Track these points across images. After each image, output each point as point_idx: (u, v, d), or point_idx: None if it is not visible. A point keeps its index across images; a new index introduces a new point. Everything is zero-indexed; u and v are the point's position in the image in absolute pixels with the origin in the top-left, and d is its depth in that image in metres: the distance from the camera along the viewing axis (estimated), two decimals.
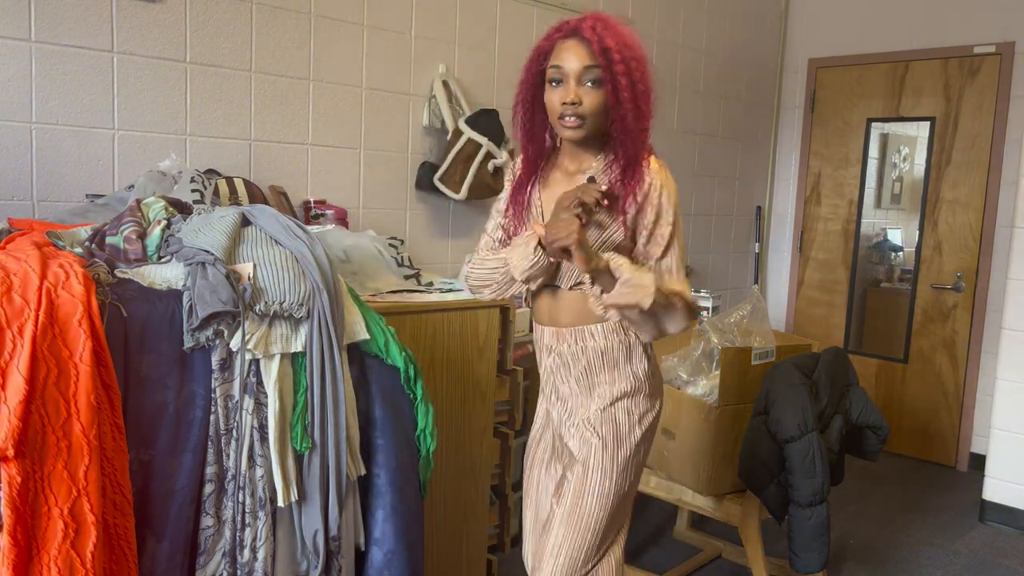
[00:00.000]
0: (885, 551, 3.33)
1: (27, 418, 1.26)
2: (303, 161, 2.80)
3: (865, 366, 4.70)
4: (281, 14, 2.67)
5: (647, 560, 3.13)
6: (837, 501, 3.83)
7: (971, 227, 4.30)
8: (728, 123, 4.63)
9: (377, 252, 2.29)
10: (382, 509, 1.69)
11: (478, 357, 2.32)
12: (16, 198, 2.21)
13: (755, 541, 2.67)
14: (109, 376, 1.37)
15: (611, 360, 1.71)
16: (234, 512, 1.52)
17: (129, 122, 2.38)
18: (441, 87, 3.07)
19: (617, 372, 1.72)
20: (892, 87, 4.54)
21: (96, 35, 2.29)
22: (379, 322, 1.72)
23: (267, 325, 1.54)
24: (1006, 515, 3.61)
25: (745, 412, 2.69)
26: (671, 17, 4.14)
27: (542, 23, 3.50)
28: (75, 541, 1.28)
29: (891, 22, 4.52)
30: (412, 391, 1.76)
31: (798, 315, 5.00)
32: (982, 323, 4.27)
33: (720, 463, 2.66)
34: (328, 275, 1.64)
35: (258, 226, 1.70)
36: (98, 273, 1.49)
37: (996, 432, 3.62)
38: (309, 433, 1.58)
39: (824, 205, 4.86)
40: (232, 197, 2.32)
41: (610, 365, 1.72)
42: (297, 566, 1.61)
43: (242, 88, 2.61)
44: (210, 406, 1.51)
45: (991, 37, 4.18)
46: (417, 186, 3.11)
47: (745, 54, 4.66)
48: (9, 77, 2.17)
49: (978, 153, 4.26)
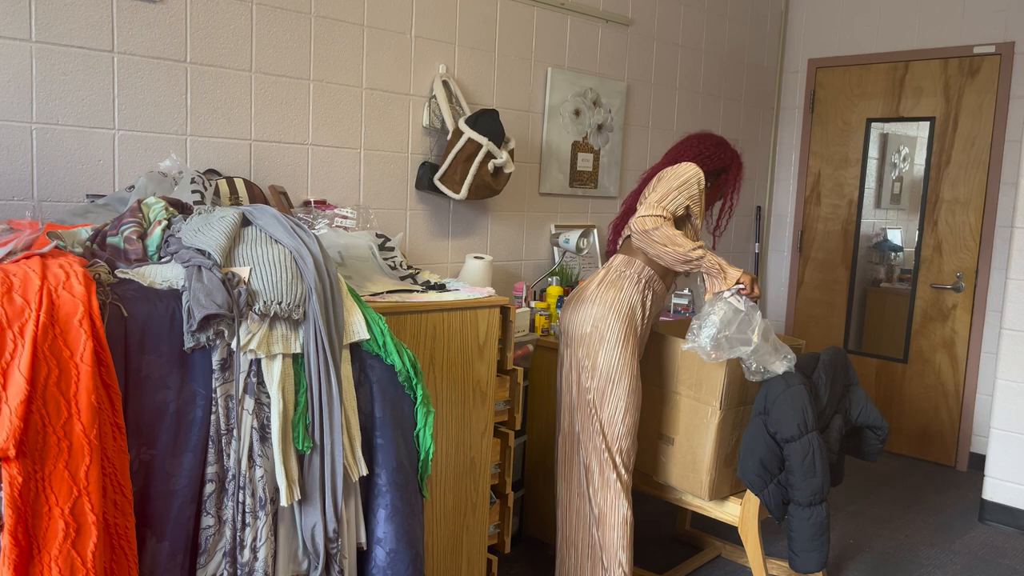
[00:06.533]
0: (885, 551, 3.33)
1: (28, 418, 1.26)
2: (303, 161, 2.80)
3: (865, 366, 4.71)
4: (281, 14, 2.68)
5: (647, 560, 3.14)
6: (837, 501, 3.83)
7: (971, 227, 4.30)
8: (728, 123, 4.63)
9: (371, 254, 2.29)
10: (384, 508, 1.69)
11: (478, 357, 2.32)
12: (16, 198, 2.21)
13: (755, 541, 2.67)
14: (110, 376, 1.37)
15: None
16: (234, 512, 1.52)
17: (129, 122, 2.39)
18: (441, 87, 3.08)
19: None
20: (892, 87, 4.55)
21: (96, 35, 2.29)
22: (379, 321, 1.73)
23: (268, 325, 1.55)
24: (1006, 515, 3.61)
25: (745, 416, 2.69)
26: (671, 17, 4.15)
27: (542, 23, 3.51)
28: (76, 541, 1.28)
29: (891, 22, 4.52)
30: (412, 392, 1.76)
31: (798, 315, 5.01)
32: (982, 323, 4.28)
33: (722, 467, 2.66)
34: (328, 275, 1.64)
35: (258, 226, 1.70)
36: (99, 273, 1.50)
37: (996, 432, 3.62)
38: (310, 433, 1.58)
39: (824, 205, 4.87)
40: (232, 197, 2.32)
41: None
42: (298, 566, 1.61)
43: (242, 88, 2.61)
44: (210, 406, 1.51)
45: (991, 37, 4.18)
46: (417, 186, 3.11)
47: (745, 54, 4.67)
48: (9, 77, 2.17)
49: (978, 153, 4.26)
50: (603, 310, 2.50)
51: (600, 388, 2.49)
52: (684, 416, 2.70)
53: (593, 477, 2.52)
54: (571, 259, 3.72)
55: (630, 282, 2.54)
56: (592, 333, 2.50)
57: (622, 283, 2.53)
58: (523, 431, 3.14)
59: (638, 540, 3.28)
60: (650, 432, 2.80)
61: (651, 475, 2.86)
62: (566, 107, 3.65)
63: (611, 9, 3.81)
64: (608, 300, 2.51)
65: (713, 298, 2.42)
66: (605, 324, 2.49)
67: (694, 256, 2.39)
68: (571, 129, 3.70)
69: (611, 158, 3.92)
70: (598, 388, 2.49)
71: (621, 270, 2.56)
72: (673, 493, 2.84)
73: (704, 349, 2.38)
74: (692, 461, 2.69)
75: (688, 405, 2.68)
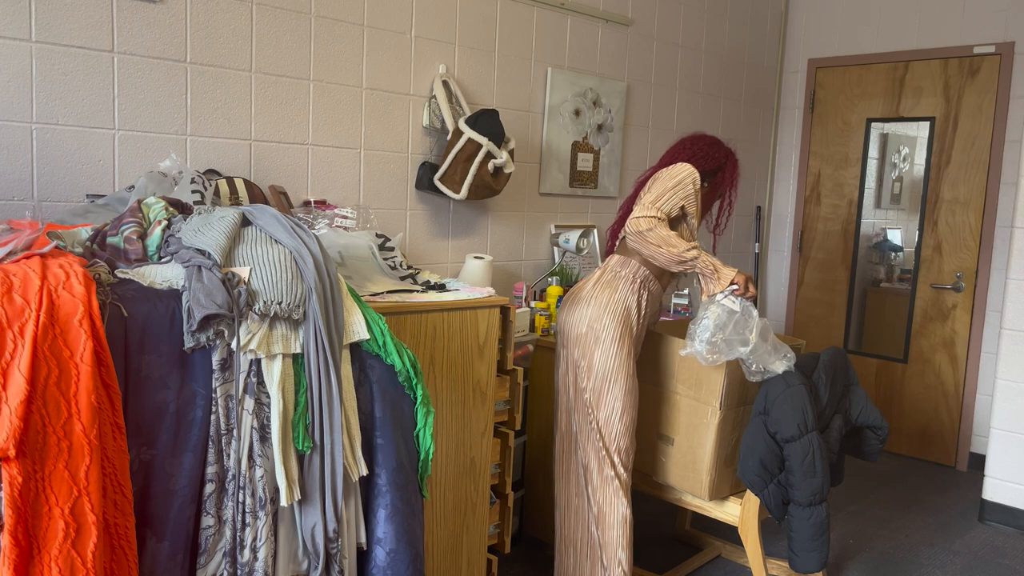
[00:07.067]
0: (885, 551, 3.33)
1: (28, 418, 1.26)
2: (303, 161, 2.80)
3: (865, 366, 4.71)
4: (281, 14, 2.68)
5: (647, 560, 3.14)
6: (837, 501, 3.83)
7: (971, 227, 4.30)
8: (728, 123, 4.63)
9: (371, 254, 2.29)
10: (384, 508, 1.69)
11: (478, 357, 2.32)
12: (16, 198, 2.21)
13: (755, 541, 2.67)
14: (110, 376, 1.37)
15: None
16: (234, 512, 1.52)
17: (129, 122, 2.39)
18: (441, 87, 3.08)
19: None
20: (892, 87, 4.55)
21: (96, 35, 2.29)
22: (379, 321, 1.73)
23: (268, 325, 1.55)
24: (1006, 515, 3.61)
25: (745, 416, 2.69)
26: (671, 17, 4.15)
27: (542, 23, 3.51)
28: (76, 541, 1.28)
29: (891, 22, 4.52)
30: (412, 392, 1.76)
31: (798, 315, 5.01)
32: (982, 323, 4.28)
33: (722, 467, 2.67)
34: (328, 275, 1.64)
35: (258, 226, 1.70)
36: (99, 273, 1.50)
37: (996, 432, 3.62)
38: (310, 433, 1.58)
39: (824, 205, 4.87)
40: (232, 197, 2.32)
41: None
42: (298, 566, 1.61)
43: (242, 88, 2.61)
44: (211, 406, 1.51)
45: (991, 37, 4.18)
46: (417, 186, 3.11)
47: (745, 54, 4.67)
48: (9, 77, 2.17)
49: (978, 153, 4.26)
50: (598, 310, 2.50)
51: (596, 388, 2.49)
52: (684, 416, 2.70)
53: (592, 476, 2.53)
54: (571, 259, 3.72)
55: (625, 282, 2.54)
56: (588, 333, 2.50)
57: (617, 283, 2.54)
58: (523, 431, 3.14)
59: (638, 540, 3.28)
60: (650, 432, 2.80)
61: (651, 475, 2.86)
62: (566, 107, 3.65)
63: (611, 9, 3.81)
64: (603, 300, 2.51)
65: (707, 301, 2.44)
66: (600, 324, 2.49)
67: (688, 257, 2.41)
68: (571, 129, 3.70)
69: (611, 158, 3.92)
70: (594, 388, 2.50)
71: (616, 270, 2.57)
72: (673, 493, 2.84)
73: (700, 353, 2.39)
74: (692, 461, 2.69)
75: (688, 405, 2.68)
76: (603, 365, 2.49)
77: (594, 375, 2.49)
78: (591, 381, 2.50)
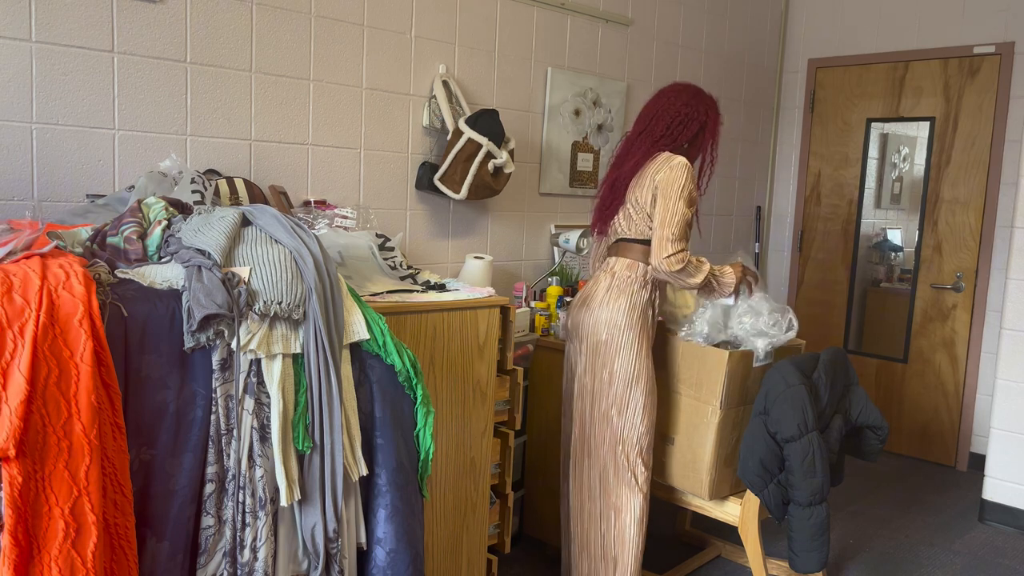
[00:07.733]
0: (885, 551, 3.33)
1: (28, 418, 1.26)
2: (303, 161, 2.80)
3: (865, 366, 4.71)
4: (281, 14, 2.68)
5: (647, 559, 3.13)
6: (837, 501, 3.83)
7: (971, 227, 4.30)
8: (728, 123, 4.63)
9: (371, 254, 2.29)
10: (384, 508, 1.69)
11: (478, 357, 2.32)
12: (16, 198, 2.21)
13: (755, 541, 2.67)
14: (110, 376, 1.37)
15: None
16: (234, 512, 1.52)
17: (129, 122, 2.38)
18: (441, 87, 3.08)
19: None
20: (892, 87, 4.55)
21: (96, 35, 2.29)
22: (379, 321, 1.73)
23: (268, 325, 1.55)
24: (1006, 515, 3.61)
25: (745, 415, 2.69)
26: (671, 17, 4.15)
27: (542, 23, 3.51)
28: (76, 541, 1.28)
29: (891, 22, 4.52)
30: (412, 392, 1.76)
31: (798, 315, 4.99)
32: (982, 323, 4.28)
33: (722, 467, 2.66)
34: (328, 275, 1.64)
35: (258, 226, 1.70)
36: (99, 273, 1.50)
37: (996, 432, 3.62)
38: (310, 433, 1.58)
39: (824, 205, 4.87)
40: (232, 197, 2.32)
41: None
42: (298, 566, 1.61)
43: (242, 88, 2.61)
44: (210, 406, 1.51)
45: (991, 37, 4.18)
46: (417, 186, 3.11)
47: (745, 54, 4.67)
48: (9, 77, 2.17)
49: (978, 153, 4.26)
50: (616, 316, 2.50)
51: (619, 393, 2.50)
52: (684, 416, 2.70)
53: (608, 480, 2.53)
54: (571, 259, 3.72)
55: (639, 285, 2.54)
56: (608, 340, 2.50)
57: (631, 287, 2.54)
58: (523, 431, 3.14)
59: None
60: None
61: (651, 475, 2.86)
62: (566, 107, 3.65)
63: (611, 9, 3.81)
64: (621, 306, 2.51)
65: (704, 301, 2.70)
66: (619, 331, 2.50)
67: (701, 284, 2.51)
68: (571, 129, 3.70)
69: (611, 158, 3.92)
70: (617, 393, 2.50)
71: (627, 275, 2.56)
72: (673, 493, 2.84)
73: (701, 333, 2.65)
74: (692, 461, 2.69)
75: (688, 405, 2.68)
76: (625, 370, 2.49)
77: (616, 381, 2.50)
78: (613, 387, 2.50)
